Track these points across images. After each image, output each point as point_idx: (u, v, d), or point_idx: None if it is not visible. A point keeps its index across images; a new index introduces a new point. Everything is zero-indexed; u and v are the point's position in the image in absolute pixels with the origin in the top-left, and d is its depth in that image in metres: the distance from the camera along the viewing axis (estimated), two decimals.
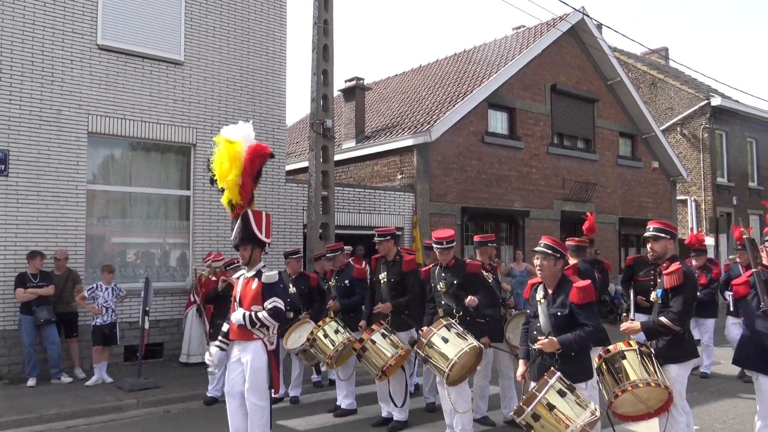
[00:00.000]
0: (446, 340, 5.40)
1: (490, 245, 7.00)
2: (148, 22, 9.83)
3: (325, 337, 6.68)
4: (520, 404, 4.29)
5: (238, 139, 4.98)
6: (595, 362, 4.76)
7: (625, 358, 4.61)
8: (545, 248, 4.64)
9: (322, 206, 10.49)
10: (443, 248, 5.92)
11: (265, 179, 10.37)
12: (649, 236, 5.00)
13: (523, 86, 15.07)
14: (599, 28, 16.97)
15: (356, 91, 15.05)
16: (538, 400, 4.18)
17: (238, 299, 5.12)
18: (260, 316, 4.87)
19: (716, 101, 20.53)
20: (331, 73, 10.62)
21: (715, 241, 18.57)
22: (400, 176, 13.46)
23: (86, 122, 9.21)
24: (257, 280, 5.01)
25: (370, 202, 12.53)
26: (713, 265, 9.11)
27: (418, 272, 6.49)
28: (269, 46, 11.10)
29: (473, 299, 5.66)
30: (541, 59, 15.44)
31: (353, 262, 8.32)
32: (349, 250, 9.08)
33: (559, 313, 4.50)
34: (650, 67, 22.78)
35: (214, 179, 5.11)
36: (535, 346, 4.53)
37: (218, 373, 7.14)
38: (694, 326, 8.23)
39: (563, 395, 4.20)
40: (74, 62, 9.15)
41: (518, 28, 17.99)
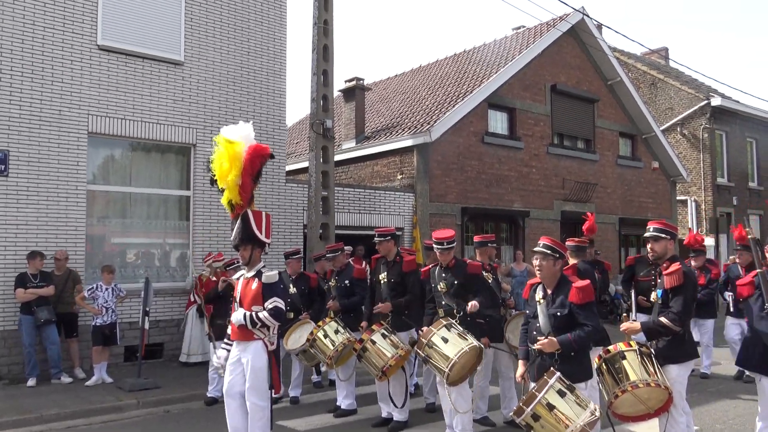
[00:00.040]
0: (446, 340, 5.40)
1: (489, 245, 6.99)
2: (148, 22, 9.83)
3: (325, 337, 6.68)
4: (519, 404, 4.29)
5: (237, 139, 4.98)
6: (595, 362, 4.76)
7: (625, 358, 4.61)
8: (544, 248, 4.64)
9: (322, 206, 10.50)
10: (444, 249, 5.92)
11: (265, 179, 10.37)
12: (649, 236, 5.00)
13: (523, 86, 15.07)
14: (599, 28, 16.97)
15: (356, 91, 15.06)
16: (537, 400, 4.19)
17: (238, 299, 5.12)
18: (261, 316, 4.87)
19: (716, 101, 20.53)
20: (331, 73, 10.62)
21: (715, 241, 18.56)
22: (400, 176, 13.47)
23: (86, 122, 9.21)
24: (257, 280, 5.01)
25: (370, 202, 12.53)
26: (712, 265, 9.12)
27: (418, 272, 6.49)
28: (269, 46, 11.11)
29: (475, 305, 5.65)
30: (541, 59, 15.44)
31: (353, 262, 8.32)
32: (349, 250, 9.08)
33: (558, 313, 4.50)
34: (650, 67, 22.78)
35: (214, 179, 5.11)
36: (534, 346, 4.52)
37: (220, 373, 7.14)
38: (693, 327, 8.23)
39: (563, 395, 4.20)
40: (74, 62, 9.16)
41: (518, 28, 17.98)
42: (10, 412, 6.78)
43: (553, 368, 4.35)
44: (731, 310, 8.68)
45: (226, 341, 5.29)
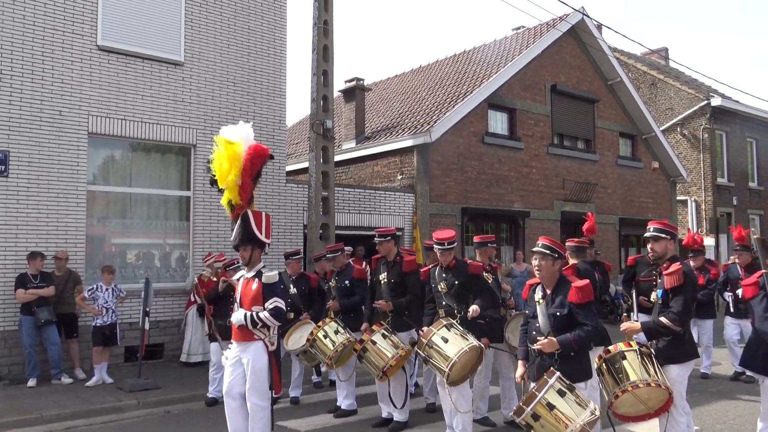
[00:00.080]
0: (446, 340, 5.40)
1: (489, 246, 6.99)
2: (148, 22, 9.83)
3: (325, 337, 6.68)
4: (519, 404, 4.29)
5: (237, 139, 4.99)
6: (595, 363, 4.77)
7: (625, 358, 4.61)
8: (543, 248, 4.65)
9: (322, 207, 10.50)
10: (444, 249, 5.92)
11: (265, 180, 10.37)
12: (649, 236, 4.99)
13: (523, 87, 15.08)
14: (599, 28, 16.97)
15: (356, 91, 15.06)
16: (537, 399, 4.19)
17: (238, 300, 5.13)
18: (262, 316, 4.87)
19: (716, 101, 20.54)
20: (331, 73, 10.63)
21: (715, 241, 18.56)
22: (400, 177, 13.47)
23: (86, 123, 9.21)
24: (257, 280, 5.01)
25: (370, 202, 12.54)
26: (711, 265, 9.11)
27: (418, 273, 6.48)
28: (269, 46, 11.11)
29: (476, 309, 5.65)
30: (541, 60, 15.44)
31: (353, 262, 8.32)
32: (349, 250, 9.08)
33: (558, 313, 4.50)
34: (650, 67, 22.78)
35: (213, 180, 5.11)
36: (534, 346, 4.52)
37: (219, 374, 7.14)
38: (692, 327, 8.22)
39: (563, 395, 4.20)
40: (74, 63, 9.16)
41: (518, 28, 17.99)
42: (10, 412, 6.78)
43: (552, 368, 4.35)
44: (731, 310, 8.67)
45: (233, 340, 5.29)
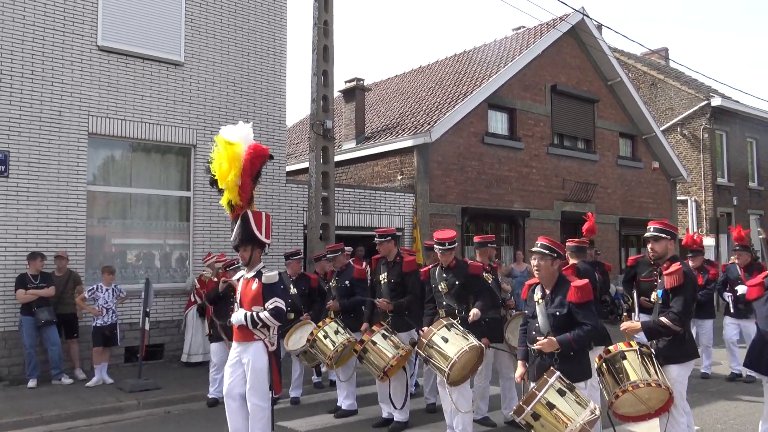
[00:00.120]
0: (446, 339, 5.40)
1: (489, 246, 6.98)
2: (148, 23, 9.84)
3: (325, 337, 6.67)
4: (520, 403, 4.29)
5: (236, 140, 4.98)
6: (595, 363, 4.77)
7: (625, 358, 4.61)
8: (542, 248, 4.65)
9: (322, 207, 10.50)
10: (445, 249, 5.91)
11: (265, 180, 10.38)
12: (649, 236, 4.99)
13: (523, 87, 15.08)
14: (599, 28, 16.98)
15: (356, 91, 15.06)
16: (537, 399, 4.18)
17: (238, 300, 5.13)
18: (262, 316, 4.88)
19: (716, 101, 20.54)
20: (331, 73, 10.62)
21: (715, 241, 18.56)
22: (400, 177, 13.47)
23: (86, 123, 9.21)
24: (257, 280, 5.01)
25: (370, 202, 12.53)
26: (710, 266, 9.10)
27: (418, 273, 6.48)
28: (269, 46, 11.11)
29: (477, 313, 5.65)
30: (541, 60, 15.44)
31: (353, 263, 8.32)
32: (349, 251, 9.08)
33: (557, 312, 4.50)
34: (650, 67, 22.79)
35: (213, 180, 5.11)
36: (534, 346, 4.52)
37: (220, 374, 7.14)
38: (692, 327, 8.22)
39: (563, 394, 4.20)
40: (74, 63, 9.16)
41: (518, 28, 18.00)
42: (10, 413, 6.78)
43: (552, 368, 4.35)
44: (731, 311, 8.65)
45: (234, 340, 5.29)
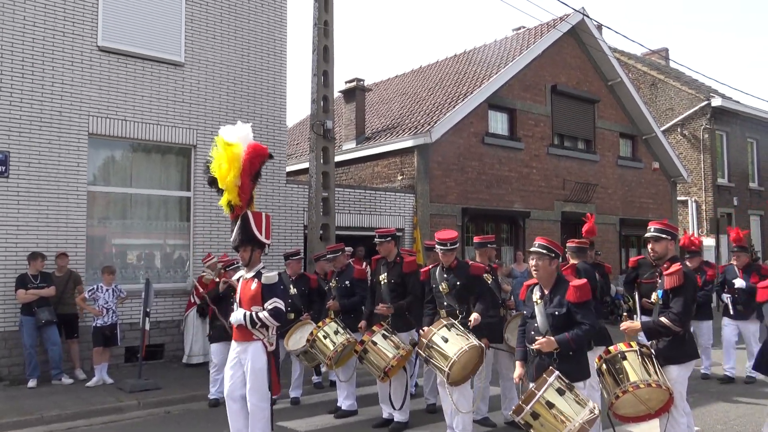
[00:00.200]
0: (446, 339, 5.40)
1: (489, 246, 6.98)
2: (148, 23, 9.84)
3: (325, 338, 6.67)
4: (519, 403, 4.29)
5: (235, 140, 4.98)
6: (595, 363, 4.76)
7: (625, 358, 4.61)
8: (540, 248, 4.65)
9: (322, 207, 10.50)
10: (447, 249, 5.91)
11: (265, 180, 10.38)
12: (650, 237, 4.99)
13: (523, 87, 15.08)
14: (599, 28, 16.97)
15: (356, 92, 15.06)
16: (537, 398, 4.18)
17: (238, 300, 5.13)
18: (261, 316, 4.88)
19: (716, 102, 20.54)
20: (331, 74, 10.62)
21: (715, 241, 18.56)
22: (400, 177, 13.47)
23: (87, 124, 9.21)
24: (257, 281, 5.02)
25: (370, 203, 12.54)
26: (708, 267, 9.08)
27: (418, 273, 6.48)
28: (269, 47, 11.11)
29: (477, 318, 5.65)
30: (541, 60, 15.44)
31: (353, 263, 8.32)
32: (349, 251, 9.08)
33: (556, 312, 4.50)
34: (650, 67, 22.78)
35: (211, 180, 5.11)
36: (533, 346, 4.52)
37: (221, 375, 7.14)
38: (692, 329, 8.20)
39: (562, 394, 4.20)
40: (75, 64, 9.16)
41: (518, 28, 17.99)
42: (10, 413, 6.78)
43: (552, 367, 4.35)
44: (731, 312, 8.64)
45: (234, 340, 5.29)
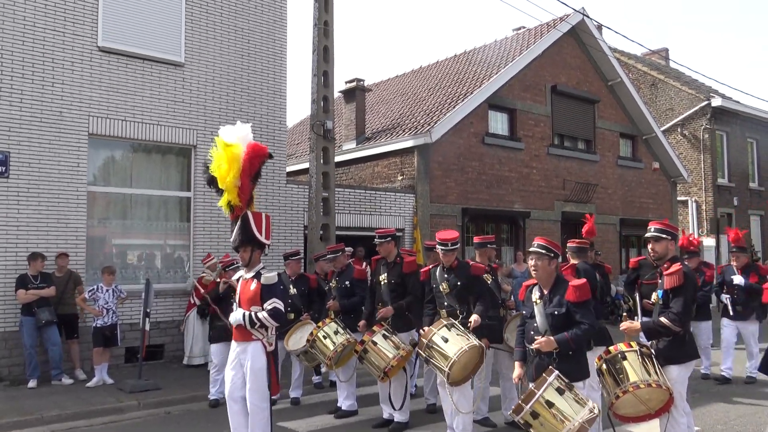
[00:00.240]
0: (446, 339, 5.39)
1: (489, 246, 6.98)
2: (148, 23, 9.84)
3: (325, 338, 6.67)
4: (519, 402, 4.29)
5: (235, 141, 4.97)
6: (596, 363, 4.76)
7: (626, 359, 4.61)
8: (539, 248, 4.66)
9: (322, 207, 10.50)
10: (448, 250, 5.91)
11: (265, 181, 10.38)
12: (650, 237, 4.99)
13: (523, 87, 15.08)
14: (599, 28, 16.97)
15: (356, 92, 15.06)
16: (536, 397, 4.18)
17: (237, 300, 5.13)
18: (260, 316, 4.88)
19: (717, 102, 20.53)
20: (331, 74, 10.62)
21: (716, 242, 18.55)
22: (400, 177, 13.47)
23: (87, 124, 9.22)
24: (256, 281, 5.02)
25: (370, 203, 12.54)
26: (706, 267, 9.06)
27: (418, 273, 6.48)
28: (269, 47, 11.11)
29: (477, 320, 5.65)
30: (541, 60, 15.44)
31: (353, 263, 8.32)
32: (349, 251, 9.08)
33: (555, 312, 4.51)
34: (650, 67, 22.78)
35: (210, 180, 5.10)
36: (532, 345, 4.53)
37: (221, 375, 7.15)
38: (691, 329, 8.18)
39: (561, 393, 4.21)
40: (75, 64, 9.16)
41: (518, 29, 17.99)
42: (10, 413, 6.78)
43: (551, 366, 4.35)
44: (730, 313, 8.64)
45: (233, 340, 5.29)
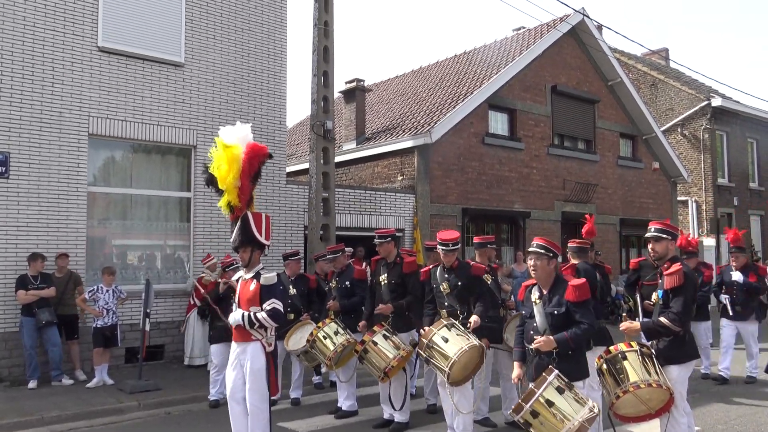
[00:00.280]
0: (446, 339, 5.39)
1: (489, 247, 6.98)
2: (148, 24, 9.84)
3: (325, 338, 6.67)
4: (519, 401, 4.29)
5: (234, 142, 4.97)
6: (596, 363, 4.76)
7: (626, 358, 4.61)
8: (538, 248, 4.66)
9: (322, 208, 10.49)
10: (449, 250, 5.91)
11: (265, 181, 10.38)
12: (650, 237, 4.99)
13: (523, 87, 15.07)
14: (599, 29, 16.97)
15: (356, 92, 15.06)
16: (536, 396, 4.18)
17: (237, 301, 5.13)
18: (259, 316, 4.88)
19: (717, 102, 20.52)
20: (331, 74, 10.62)
21: (716, 242, 18.54)
22: (400, 177, 13.47)
23: (87, 124, 9.21)
24: (255, 281, 5.02)
25: (370, 203, 12.54)
26: (705, 267, 9.06)
27: (418, 274, 6.47)
28: (270, 47, 11.11)
29: (477, 321, 5.65)
30: (541, 60, 15.44)
31: (353, 263, 8.32)
32: (349, 251, 9.08)
33: (555, 311, 4.51)
34: (650, 67, 22.78)
35: (209, 180, 5.10)
36: (532, 345, 4.52)
37: (221, 376, 7.15)
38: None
39: (561, 392, 4.20)
40: (75, 64, 9.16)
41: (518, 29, 17.99)
42: (10, 414, 6.78)
43: (551, 366, 4.35)
44: (730, 313, 8.63)
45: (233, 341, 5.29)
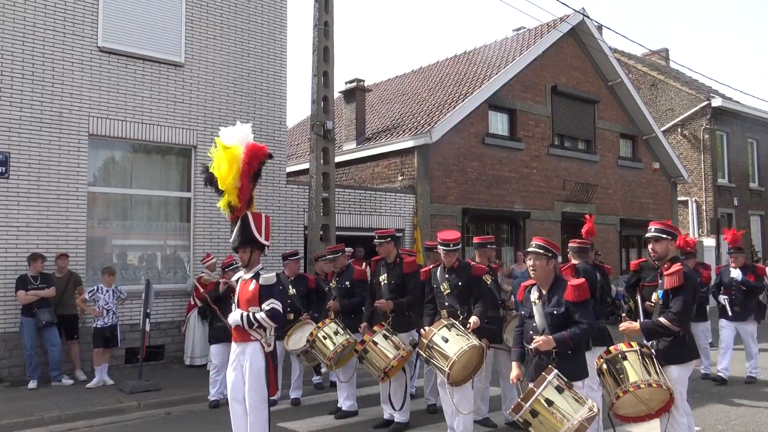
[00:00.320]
0: (446, 339, 5.39)
1: (489, 247, 6.98)
2: (148, 24, 9.84)
3: (324, 338, 6.67)
4: (518, 401, 4.29)
5: (234, 142, 4.97)
6: (596, 363, 4.76)
7: (626, 359, 4.61)
8: (537, 248, 4.66)
9: (322, 208, 10.49)
10: (449, 250, 5.90)
11: (265, 181, 10.38)
12: (650, 237, 4.98)
13: (523, 87, 15.07)
14: (599, 29, 16.96)
15: (357, 92, 15.06)
16: (536, 396, 4.17)
17: (236, 301, 5.14)
18: (258, 317, 4.88)
19: (717, 102, 20.52)
20: (331, 74, 10.62)
21: (716, 242, 18.55)
22: (400, 178, 13.47)
23: (87, 124, 9.22)
24: (255, 281, 5.02)
25: (370, 203, 12.53)
26: (703, 268, 9.06)
27: (418, 274, 6.47)
28: (270, 47, 11.11)
29: (476, 322, 5.65)
30: (541, 60, 15.44)
31: (353, 264, 8.31)
32: (349, 251, 9.08)
33: (554, 311, 4.51)
34: (651, 68, 22.77)
35: (208, 180, 5.10)
36: (531, 345, 4.52)
37: (221, 376, 7.15)
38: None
39: (561, 392, 4.20)
40: (75, 64, 9.17)
41: (518, 29, 17.98)
42: (11, 414, 6.78)
43: (550, 365, 4.35)
44: (729, 314, 8.63)
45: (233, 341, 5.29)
